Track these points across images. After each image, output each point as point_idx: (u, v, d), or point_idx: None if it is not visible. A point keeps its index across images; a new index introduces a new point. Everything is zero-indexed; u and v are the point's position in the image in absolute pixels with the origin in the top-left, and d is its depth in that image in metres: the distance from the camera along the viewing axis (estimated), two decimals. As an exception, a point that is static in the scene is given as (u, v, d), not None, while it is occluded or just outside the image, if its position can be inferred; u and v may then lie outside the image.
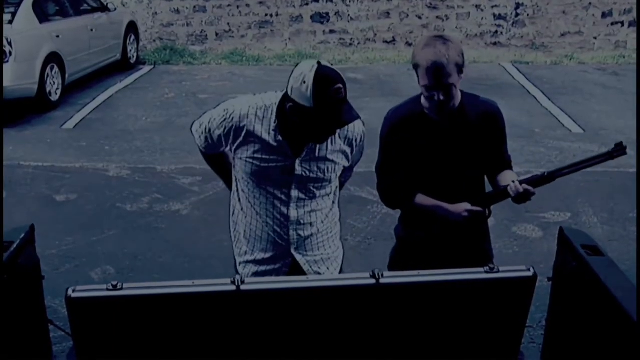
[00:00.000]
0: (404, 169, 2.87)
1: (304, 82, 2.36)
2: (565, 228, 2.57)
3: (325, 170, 2.66)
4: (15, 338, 2.33)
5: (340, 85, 2.38)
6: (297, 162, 2.60)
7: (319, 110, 2.37)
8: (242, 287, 2.04)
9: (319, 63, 2.39)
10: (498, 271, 2.13)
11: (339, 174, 2.74)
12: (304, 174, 2.62)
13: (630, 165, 5.30)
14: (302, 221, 2.71)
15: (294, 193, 2.66)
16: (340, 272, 2.88)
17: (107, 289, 2.01)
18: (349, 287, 2.14)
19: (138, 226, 5.58)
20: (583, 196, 5.91)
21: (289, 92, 2.44)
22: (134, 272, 4.75)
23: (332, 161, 2.66)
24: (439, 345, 2.26)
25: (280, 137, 2.57)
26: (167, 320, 2.11)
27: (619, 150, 2.59)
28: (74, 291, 2.00)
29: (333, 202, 2.83)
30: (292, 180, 2.63)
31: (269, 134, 2.57)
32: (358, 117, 2.46)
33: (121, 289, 2.01)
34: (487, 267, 2.14)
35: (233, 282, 2.05)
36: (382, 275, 2.08)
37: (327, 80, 2.36)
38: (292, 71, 2.46)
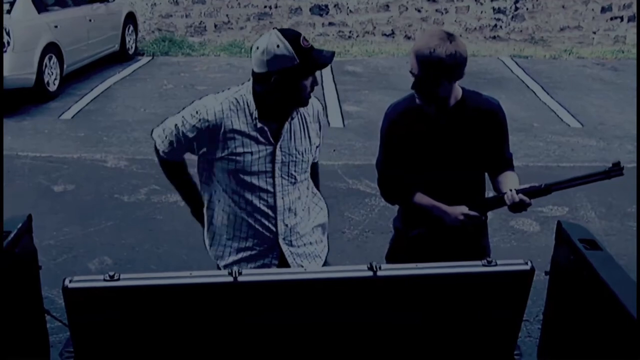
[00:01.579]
0: (403, 165, 2.86)
1: (278, 46, 2.46)
2: (563, 222, 2.57)
3: (304, 152, 2.72)
4: (12, 328, 2.32)
5: (303, 35, 2.53)
6: (278, 147, 2.64)
7: (304, 62, 2.48)
8: (240, 279, 2.05)
9: (275, 28, 2.53)
10: (496, 265, 2.13)
11: (314, 154, 2.81)
12: (284, 158, 2.67)
13: (629, 160, 5.30)
14: (288, 210, 2.74)
15: (279, 181, 2.69)
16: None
17: (104, 280, 2.01)
18: (346, 279, 2.14)
19: (136, 217, 5.58)
20: (581, 190, 5.90)
21: (267, 68, 2.49)
22: (132, 262, 4.75)
23: (308, 141, 2.73)
24: (436, 338, 2.26)
25: (260, 125, 2.60)
26: (164, 311, 2.11)
27: (616, 170, 2.63)
28: (70, 281, 2.00)
29: (307, 188, 2.86)
30: (275, 168, 2.66)
31: (247, 124, 2.60)
32: (333, 52, 2.59)
33: (118, 279, 2.01)
34: (485, 261, 2.14)
35: (230, 274, 2.05)
36: (380, 267, 2.08)
37: (293, 35, 2.51)
38: (253, 56, 2.53)
